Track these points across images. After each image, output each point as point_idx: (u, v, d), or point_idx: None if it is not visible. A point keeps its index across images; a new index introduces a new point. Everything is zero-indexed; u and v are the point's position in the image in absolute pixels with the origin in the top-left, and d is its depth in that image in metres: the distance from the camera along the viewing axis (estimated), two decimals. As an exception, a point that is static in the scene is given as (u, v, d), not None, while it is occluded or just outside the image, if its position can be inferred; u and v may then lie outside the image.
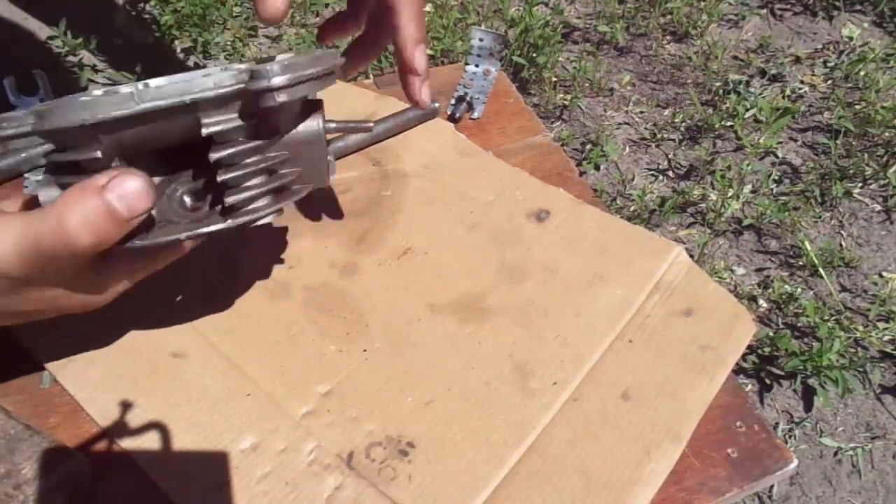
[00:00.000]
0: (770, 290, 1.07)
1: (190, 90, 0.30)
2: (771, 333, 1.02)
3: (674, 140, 1.30)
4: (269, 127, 0.34)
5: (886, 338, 1.01)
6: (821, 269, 1.08)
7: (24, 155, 0.55)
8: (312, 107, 0.36)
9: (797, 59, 1.47)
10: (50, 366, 0.42)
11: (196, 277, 0.47)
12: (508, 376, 0.43)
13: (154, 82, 0.32)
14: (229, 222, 0.34)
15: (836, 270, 1.12)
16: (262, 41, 1.35)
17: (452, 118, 0.62)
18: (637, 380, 0.43)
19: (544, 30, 1.30)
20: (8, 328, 0.42)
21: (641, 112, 1.35)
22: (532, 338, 0.45)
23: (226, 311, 0.45)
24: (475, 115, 0.63)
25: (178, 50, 1.31)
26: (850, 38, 1.50)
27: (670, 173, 1.25)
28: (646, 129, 1.31)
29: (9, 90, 0.53)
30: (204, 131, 0.32)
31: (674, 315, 0.46)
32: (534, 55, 1.31)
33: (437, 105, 0.60)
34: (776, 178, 1.23)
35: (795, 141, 1.32)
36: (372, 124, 0.40)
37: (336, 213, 0.52)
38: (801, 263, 1.11)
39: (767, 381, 0.98)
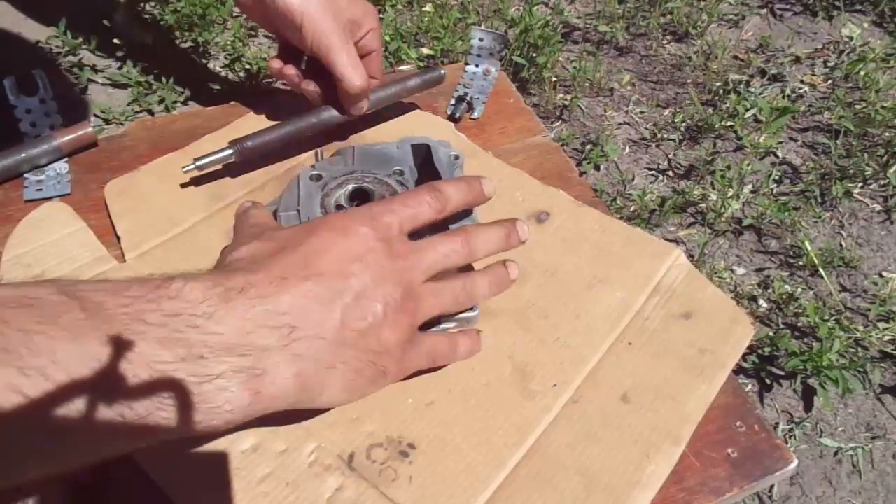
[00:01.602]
0: (770, 290, 1.07)
1: None
2: (771, 333, 1.02)
3: (674, 140, 1.30)
4: None
5: (886, 338, 1.01)
6: (821, 269, 1.08)
7: (23, 155, 0.55)
8: None
9: (797, 59, 1.47)
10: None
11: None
12: (508, 378, 0.43)
13: None
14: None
15: (836, 270, 1.12)
16: (263, 41, 1.35)
17: (452, 118, 0.61)
18: (636, 382, 0.43)
19: (544, 30, 1.29)
20: None
21: (641, 112, 1.35)
22: (532, 339, 0.45)
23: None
24: (475, 115, 0.62)
25: (178, 50, 1.31)
26: (850, 38, 1.50)
27: (670, 173, 1.25)
28: (646, 129, 1.31)
29: (9, 90, 0.53)
30: None
31: (673, 318, 0.46)
32: (534, 55, 1.31)
33: (443, 72, 0.59)
34: (776, 177, 1.23)
35: (795, 141, 1.32)
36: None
37: None
38: (801, 263, 1.11)
39: (767, 381, 0.98)
